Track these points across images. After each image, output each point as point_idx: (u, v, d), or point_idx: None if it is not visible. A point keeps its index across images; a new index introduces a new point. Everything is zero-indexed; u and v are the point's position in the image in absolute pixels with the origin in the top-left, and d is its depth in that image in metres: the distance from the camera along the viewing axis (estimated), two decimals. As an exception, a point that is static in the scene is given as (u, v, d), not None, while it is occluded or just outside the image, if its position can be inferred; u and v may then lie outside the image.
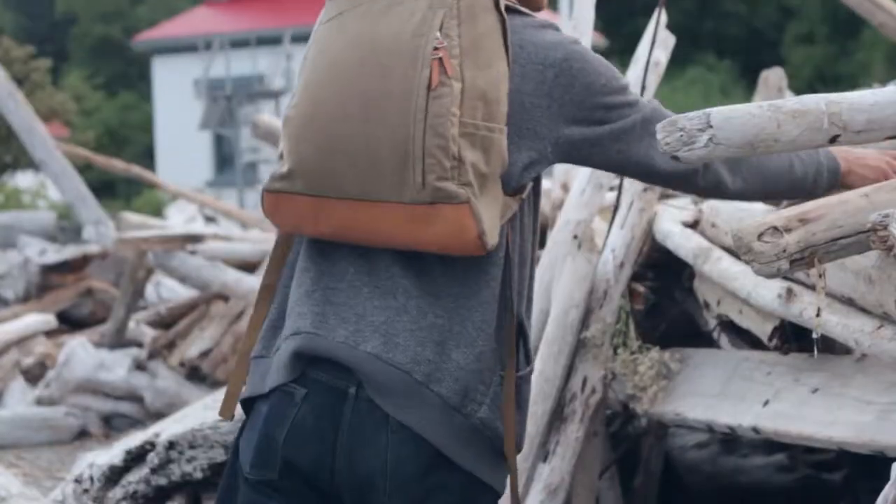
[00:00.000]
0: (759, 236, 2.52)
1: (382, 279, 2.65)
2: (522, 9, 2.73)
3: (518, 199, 2.67)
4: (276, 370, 2.69)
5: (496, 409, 2.68)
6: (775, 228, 2.52)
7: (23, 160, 25.94)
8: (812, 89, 39.77)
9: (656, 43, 5.05)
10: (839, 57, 45.24)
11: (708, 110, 2.55)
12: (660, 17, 5.02)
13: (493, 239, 2.58)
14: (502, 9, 2.62)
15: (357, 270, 2.67)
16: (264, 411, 2.68)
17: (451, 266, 2.65)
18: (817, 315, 2.72)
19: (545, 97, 2.67)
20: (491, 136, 2.58)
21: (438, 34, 2.57)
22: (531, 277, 2.83)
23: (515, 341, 2.75)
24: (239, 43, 35.11)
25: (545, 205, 5.62)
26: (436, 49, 2.56)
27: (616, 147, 2.73)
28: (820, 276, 2.54)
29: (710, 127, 2.52)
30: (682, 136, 2.54)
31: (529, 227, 2.78)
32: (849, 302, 3.17)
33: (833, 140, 2.61)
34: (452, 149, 2.54)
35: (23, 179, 28.34)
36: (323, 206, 2.61)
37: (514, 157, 2.64)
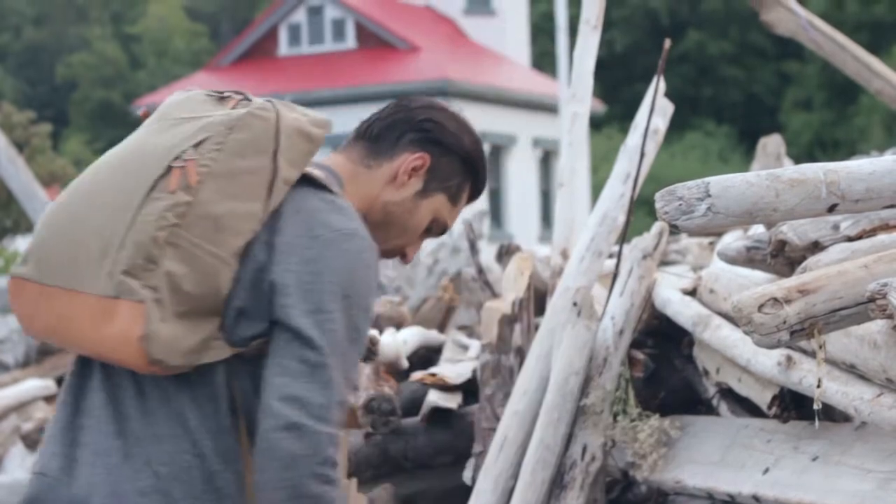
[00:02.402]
0: (760, 307, 2.52)
1: (118, 415, 2.65)
2: (333, 189, 2.74)
3: (239, 350, 2.64)
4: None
5: None
6: (775, 300, 2.52)
7: (23, 224, 25.96)
8: (810, 155, 39.91)
9: (655, 110, 5.07)
10: (837, 123, 45.37)
11: (707, 179, 2.55)
12: (658, 85, 5.04)
13: (165, 356, 2.56)
14: (278, 160, 2.66)
15: (102, 403, 2.67)
16: None
17: (176, 399, 2.64)
18: (818, 386, 2.71)
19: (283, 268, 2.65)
20: (209, 260, 2.60)
21: (192, 150, 2.63)
22: None
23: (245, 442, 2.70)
24: (238, 108, 35.17)
25: (543, 271, 5.62)
26: (183, 159, 2.63)
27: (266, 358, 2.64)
28: (820, 347, 2.54)
29: (709, 196, 2.52)
30: (680, 204, 2.54)
31: None
32: (850, 368, 3.16)
33: (832, 209, 2.62)
34: (151, 250, 2.57)
35: (23, 244, 28.32)
36: (43, 295, 2.64)
37: (240, 326, 2.63)
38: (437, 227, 2.89)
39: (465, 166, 2.92)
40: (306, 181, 2.71)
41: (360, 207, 2.79)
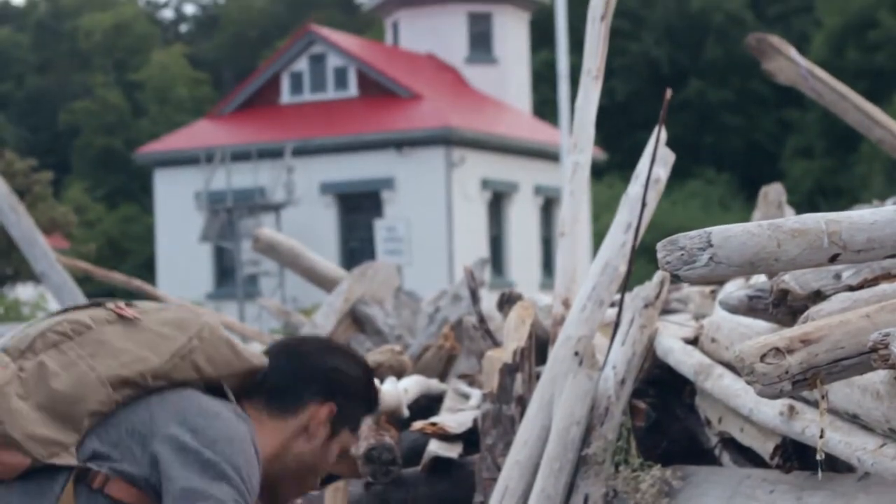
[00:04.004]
0: (762, 357, 2.51)
1: None
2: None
3: None
4: None
5: None
6: (777, 349, 2.51)
7: (24, 272, 25.96)
8: (812, 203, 39.96)
9: (656, 160, 5.08)
10: (838, 170, 45.47)
11: (708, 229, 2.55)
12: (659, 134, 5.05)
13: (8, 421, 2.65)
14: (192, 340, 2.85)
15: None
16: None
17: None
18: (821, 436, 2.70)
19: None
20: (84, 370, 2.75)
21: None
22: None
23: None
24: (240, 156, 35.28)
25: (544, 320, 5.61)
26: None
27: None
28: (822, 397, 2.53)
29: (711, 246, 2.52)
30: (682, 254, 2.54)
31: None
32: (852, 419, 3.15)
33: (833, 259, 2.61)
34: (36, 343, 2.76)
35: (23, 291, 28.34)
36: None
37: None
38: (344, 454, 3.04)
39: (366, 402, 3.07)
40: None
41: (268, 457, 2.88)
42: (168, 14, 70.33)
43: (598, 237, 3.71)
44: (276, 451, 2.91)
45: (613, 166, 41.27)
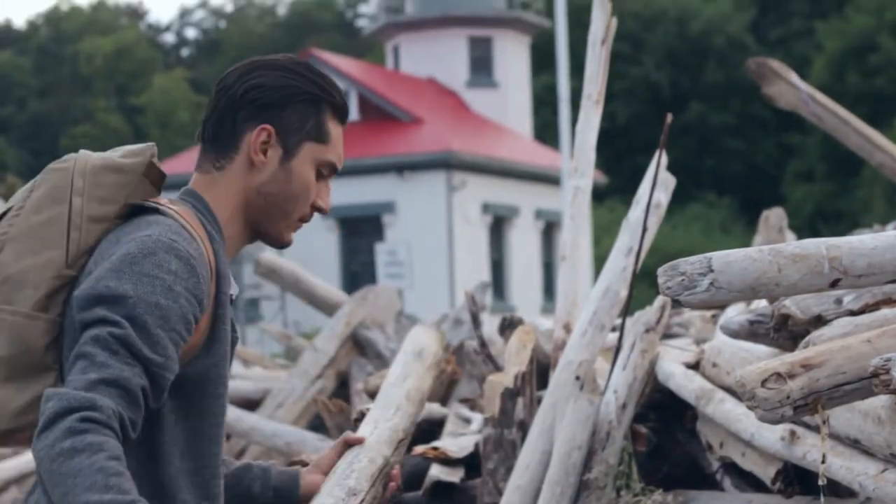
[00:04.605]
0: (763, 382, 2.51)
1: None
2: (158, 206, 2.70)
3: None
4: None
5: None
6: (779, 374, 2.51)
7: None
8: (812, 227, 39.96)
9: (657, 185, 5.08)
10: (839, 194, 45.49)
11: (709, 255, 2.55)
12: (660, 159, 5.06)
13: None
14: (74, 202, 2.65)
15: None
16: None
17: None
18: (822, 461, 2.70)
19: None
20: (11, 319, 2.61)
21: None
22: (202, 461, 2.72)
23: None
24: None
25: (545, 344, 5.61)
26: None
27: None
28: (823, 422, 2.53)
29: (712, 271, 2.52)
30: (683, 280, 2.54)
31: (180, 425, 2.68)
32: (854, 443, 3.15)
33: (834, 284, 2.61)
34: None
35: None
36: None
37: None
38: (327, 169, 2.81)
39: (307, 102, 2.78)
40: (142, 210, 2.70)
41: (235, 207, 2.76)
42: (169, 38, 70.53)
43: (600, 261, 3.71)
44: (240, 199, 2.76)
45: (614, 190, 41.29)
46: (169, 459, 2.63)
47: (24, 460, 10.51)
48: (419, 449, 5.34)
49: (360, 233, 34.82)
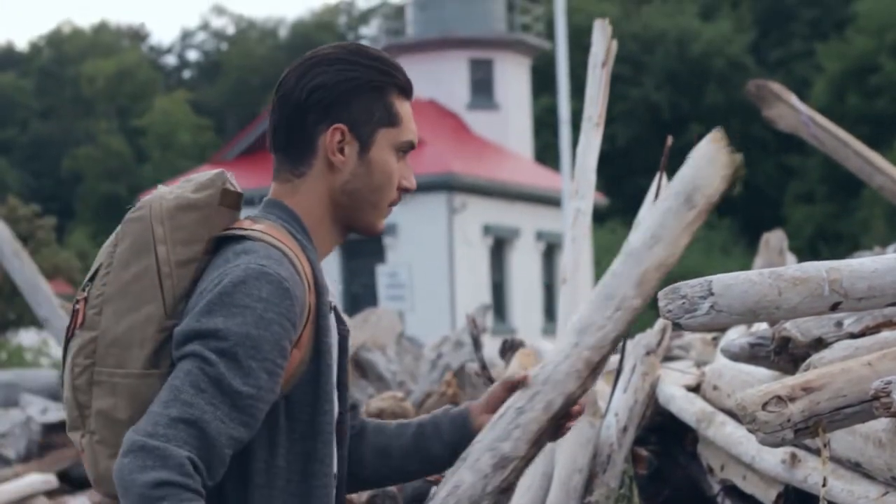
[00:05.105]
0: (764, 405, 2.51)
1: None
2: (243, 232, 2.67)
3: None
4: None
5: None
6: (779, 398, 2.51)
7: (26, 318, 25.93)
8: (813, 248, 39.97)
9: (657, 206, 5.08)
10: (840, 216, 45.51)
11: (709, 278, 2.55)
12: (661, 182, 5.06)
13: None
14: (159, 251, 2.63)
15: None
16: None
17: None
18: (823, 484, 2.69)
19: None
20: (127, 382, 2.59)
21: (89, 283, 2.66)
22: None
23: None
24: (243, 202, 35.30)
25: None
26: (77, 299, 2.68)
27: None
28: (824, 445, 2.52)
29: (712, 294, 2.53)
30: (683, 303, 2.54)
31: (288, 452, 2.66)
32: (855, 467, 3.14)
33: (835, 307, 2.61)
34: (79, 398, 2.61)
35: (26, 337, 28.30)
36: None
37: None
38: (405, 149, 2.79)
39: (371, 90, 2.75)
40: (229, 240, 2.66)
41: (323, 210, 2.73)
42: (171, 60, 70.66)
43: (600, 283, 3.70)
44: (326, 201, 2.72)
45: (615, 211, 41.32)
46: (284, 486, 2.63)
47: (25, 483, 10.50)
48: (420, 472, 5.33)
49: (361, 254, 34.80)
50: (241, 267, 2.56)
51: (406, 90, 2.81)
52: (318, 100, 2.71)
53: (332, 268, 34.90)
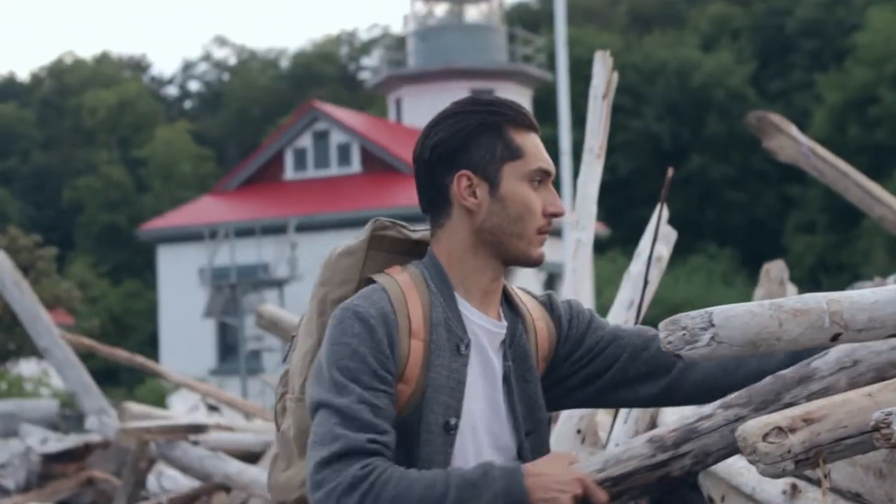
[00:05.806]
0: (764, 437, 2.51)
1: None
2: (385, 274, 2.97)
3: None
4: None
5: None
6: (780, 429, 2.51)
7: (26, 348, 25.93)
8: (813, 278, 39.96)
9: (658, 238, 5.09)
10: (840, 246, 45.51)
11: (710, 309, 2.56)
12: (661, 213, 5.07)
13: (283, 496, 3.00)
14: (319, 290, 2.99)
15: None
16: None
17: None
18: (823, 516, 2.69)
19: None
20: (293, 406, 3.00)
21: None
22: None
23: None
24: (243, 232, 35.36)
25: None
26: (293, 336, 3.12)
27: None
28: (825, 476, 2.52)
29: (713, 325, 2.53)
30: (684, 334, 2.55)
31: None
32: (855, 497, 3.14)
33: (835, 338, 2.62)
34: (278, 422, 3.06)
35: (26, 367, 28.29)
36: None
37: None
38: (539, 176, 2.92)
39: (486, 132, 2.92)
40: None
41: (465, 250, 2.93)
42: (172, 91, 70.76)
43: (602, 312, 3.72)
44: (469, 242, 2.92)
45: (616, 241, 41.34)
46: None
47: None
48: None
49: (362, 284, 34.77)
50: (342, 306, 2.86)
51: (523, 122, 2.98)
52: (439, 154, 2.91)
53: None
